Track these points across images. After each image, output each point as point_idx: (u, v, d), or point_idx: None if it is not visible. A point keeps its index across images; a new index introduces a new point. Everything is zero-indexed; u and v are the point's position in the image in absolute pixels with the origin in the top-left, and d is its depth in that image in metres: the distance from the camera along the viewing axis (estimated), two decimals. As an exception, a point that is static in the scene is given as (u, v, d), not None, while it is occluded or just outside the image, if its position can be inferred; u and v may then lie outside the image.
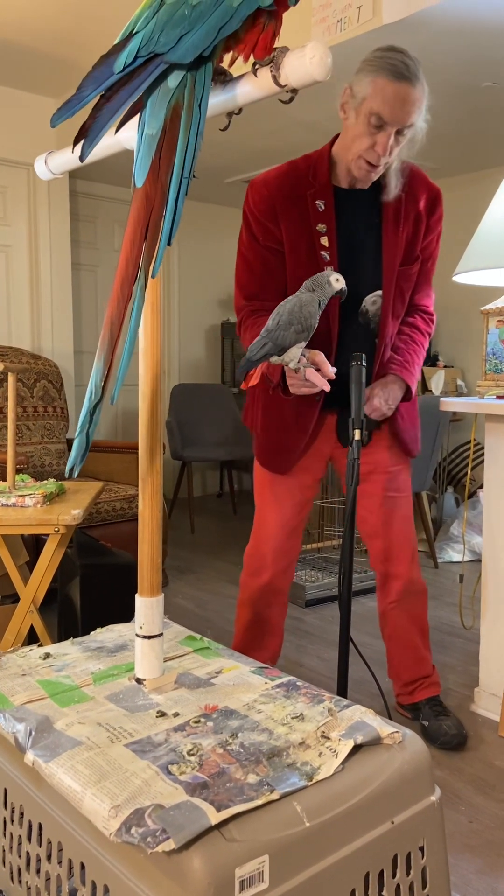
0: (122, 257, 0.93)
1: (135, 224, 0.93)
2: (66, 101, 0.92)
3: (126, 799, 0.86)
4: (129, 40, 0.91)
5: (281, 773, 0.92)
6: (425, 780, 1.03)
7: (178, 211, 0.93)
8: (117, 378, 0.93)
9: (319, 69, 0.84)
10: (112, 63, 0.91)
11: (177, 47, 0.89)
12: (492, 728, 2.09)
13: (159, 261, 0.93)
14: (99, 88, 0.91)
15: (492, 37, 2.71)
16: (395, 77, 1.57)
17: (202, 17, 0.88)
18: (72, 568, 2.31)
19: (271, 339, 1.49)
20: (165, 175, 0.92)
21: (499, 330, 2.02)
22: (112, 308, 0.93)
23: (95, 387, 0.94)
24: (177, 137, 0.92)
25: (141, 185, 0.92)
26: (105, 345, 0.93)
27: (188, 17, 0.88)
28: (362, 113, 1.62)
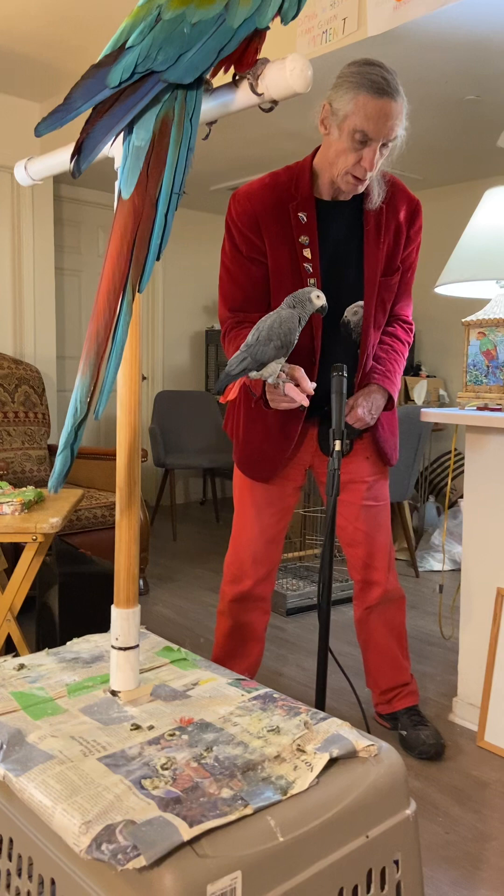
0: (107, 270, 0.91)
1: (121, 237, 0.90)
2: (54, 111, 0.89)
3: (97, 814, 0.85)
4: (123, 54, 0.88)
5: (255, 788, 0.91)
6: (400, 794, 1.02)
7: (167, 226, 0.91)
8: (104, 393, 0.91)
9: (299, 81, 0.84)
10: (104, 76, 0.88)
11: (176, 66, 0.87)
12: (470, 738, 2.09)
13: (147, 276, 0.91)
14: (91, 101, 0.89)
15: (475, 51, 2.74)
16: (377, 93, 1.58)
17: (201, 36, 0.87)
18: (50, 576, 2.29)
19: (250, 354, 1.49)
20: (154, 188, 0.90)
21: (479, 342, 2.04)
22: (97, 322, 0.90)
23: (81, 402, 0.91)
24: (166, 151, 0.90)
25: (128, 196, 0.90)
26: (90, 360, 0.90)
27: (187, 36, 0.87)
28: (346, 129, 1.62)
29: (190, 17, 0.86)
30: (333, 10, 2.65)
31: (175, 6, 0.87)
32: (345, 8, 2.61)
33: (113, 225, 0.92)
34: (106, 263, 0.92)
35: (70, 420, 0.92)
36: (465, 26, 2.53)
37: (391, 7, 2.48)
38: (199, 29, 0.87)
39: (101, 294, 0.91)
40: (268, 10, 0.90)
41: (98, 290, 0.92)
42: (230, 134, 3.70)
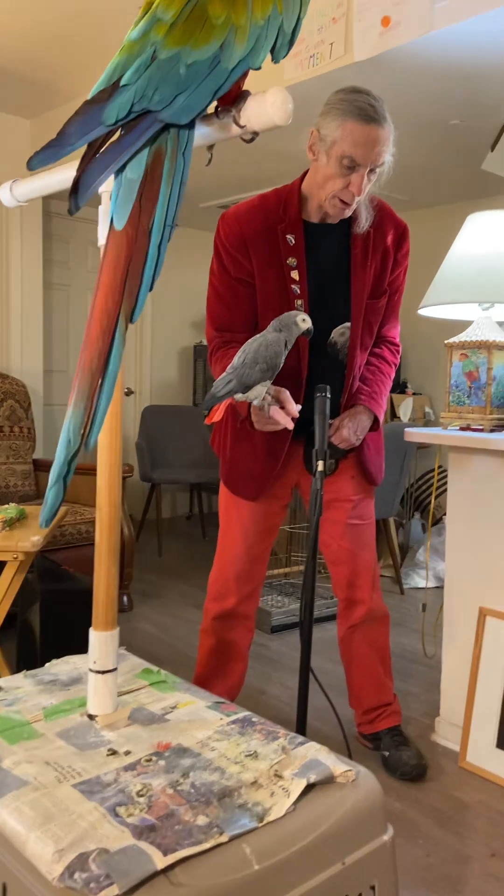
0: (99, 300, 0.90)
1: (114, 268, 0.90)
2: (48, 146, 0.89)
3: (70, 842, 0.84)
4: (119, 91, 0.88)
5: (231, 815, 0.91)
6: (378, 819, 1.02)
7: (160, 257, 0.91)
8: (96, 425, 0.90)
9: (280, 114, 0.86)
10: (100, 113, 0.88)
11: (171, 106, 0.88)
12: (452, 758, 2.09)
13: (140, 307, 0.91)
14: (86, 138, 0.89)
15: (459, 77, 2.78)
16: (364, 120, 1.61)
17: (197, 77, 0.87)
18: (32, 593, 2.27)
19: (236, 376, 1.50)
20: (147, 220, 0.91)
21: (462, 363, 2.06)
22: (91, 352, 0.90)
23: (74, 434, 0.90)
24: (159, 183, 0.91)
25: (121, 228, 0.91)
26: (84, 391, 0.89)
27: (182, 77, 0.87)
28: (333, 156, 1.65)
29: (185, 57, 0.87)
30: (321, 35, 2.69)
31: (170, 45, 0.87)
32: (332, 33, 2.65)
33: (104, 255, 0.92)
34: (98, 293, 0.91)
35: (63, 452, 0.90)
36: (450, 53, 2.57)
37: (377, 33, 2.52)
38: (194, 70, 0.87)
39: (94, 324, 0.90)
40: (261, 51, 0.92)
41: (90, 320, 0.91)
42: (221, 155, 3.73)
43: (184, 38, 0.86)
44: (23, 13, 2.86)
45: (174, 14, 0.87)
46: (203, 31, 0.86)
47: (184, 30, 0.86)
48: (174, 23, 0.86)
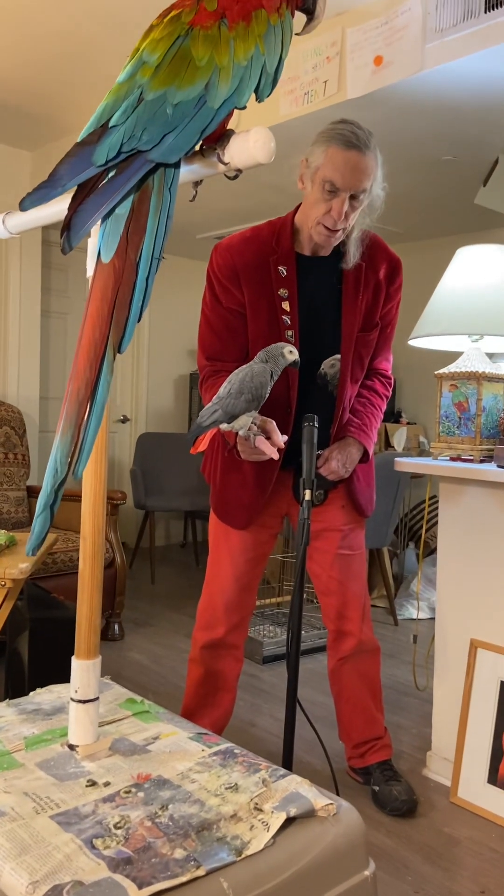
0: (87, 331, 0.92)
1: (101, 298, 0.92)
2: (40, 188, 0.91)
3: (45, 874, 0.83)
4: (108, 132, 0.90)
5: (209, 848, 0.90)
6: (359, 854, 1.01)
7: (148, 289, 0.93)
8: (84, 453, 0.91)
9: (262, 152, 0.88)
10: (90, 155, 0.90)
11: (160, 146, 0.90)
12: (443, 793, 2.06)
13: (128, 338, 0.92)
14: (76, 179, 0.91)
15: (451, 115, 2.84)
16: (345, 146, 1.65)
17: (183, 118, 0.90)
18: (21, 621, 2.26)
19: (222, 406, 1.51)
20: (134, 253, 0.92)
21: (451, 394, 2.07)
22: (78, 382, 0.91)
23: (61, 463, 0.91)
24: (146, 218, 0.93)
25: (108, 260, 0.93)
26: (72, 419, 0.91)
27: (169, 117, 0.89)
28: (317, 181, 1.69)
29: (171, 98, 0.89)
30: (315, 73, 2.76)
31: (156, 87, 0.90)
32: (326, 71, 2.72)
33: (92, 286, 0.94)
34: (86, 324, 0.92)
35: (49, 481, 0.91)
36: (441, 91, 2.63)
37: (370, 72, 2.59)
38: (180, 110, 0.90)
39: (82, 354, 0.92)
40: (245, 91, 0.94)
41: (77, 350, 0.92)
42: (216, 188, 3.80)
43: (169, 79, 0.89)
44: (25, 49, 2.94)
45: (159, 57, 0.89)
46: (188, 73, 0.89)
47: (169, 71, 0.89)
48: (159, 65, 0.89)
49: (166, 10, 0.96)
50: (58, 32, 2.80)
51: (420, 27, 2.42)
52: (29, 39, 2.86)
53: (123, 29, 2.75)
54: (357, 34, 2.60)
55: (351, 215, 1.72)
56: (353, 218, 1.74)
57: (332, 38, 2.68)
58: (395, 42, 2.51)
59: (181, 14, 0.93)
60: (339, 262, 1.83)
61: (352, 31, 2.60)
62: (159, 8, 1.05)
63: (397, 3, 2.46)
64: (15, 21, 2.73)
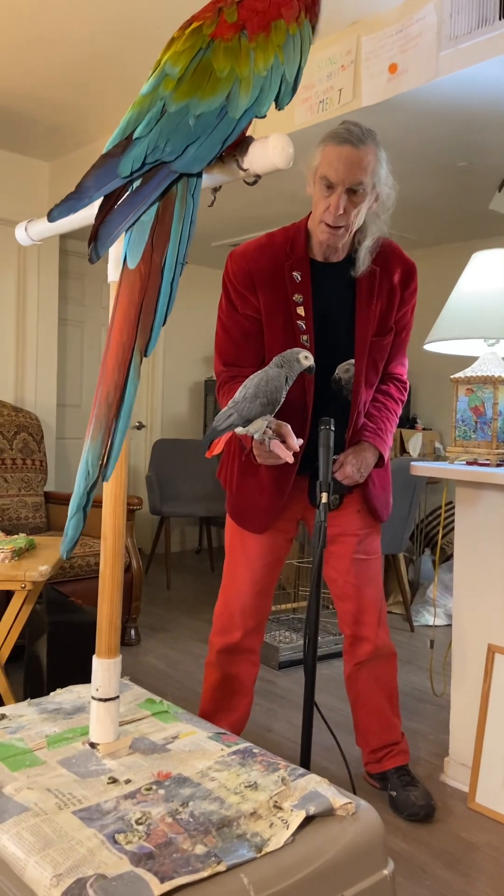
0: (115, 335, 0.94)
1: (128, 303, 0.95)
2: (67, 199, 0.94)
3: (69, 868, 0.84)
4: (132, 144, 0.93)
5: (230, 844, 0.91)
6: (378, 853, 1.02)
7: (173, 293, 0.95)
8: (114, 456, 0.93)
9: (281, 158, 0.90)
10: (115, 167, 0.93)
11: (183, 157, 0.93)
12: (461, 799, 2.05)
13: (154, 341, 0.95)
14: (103, 190, 0.94)
15: (466, 121, 2.86)
16: (339, 142, 1.69)
17: (206, 128, 0.92)
18: (40, 624, 2.28)
19: (237, 410, 1.52)
20: (159, 258, 0.95)
21: (468, 398, 2.08)
22: (108, 385, 0.93)
23: (93, 465, 0.93)
24: (170, 224, 0.95)
25: (134, 266, 0.95)
26: (102, 423, 0.93)
27: (192, 128, 0.92)
28: (316, 181, 1.73)
29: (194, 109, 0.92)
30: (330, 82, 2.78)
31: (179, 99, 0.92)
32: (340, 80, 2.74)
33: (119, 292, 0.96)
34: (113, 328, 0.95)
35: (82, 483, 0.94)
36: (456, 98, 2.65)
37: (385, 79, 2.61)
38: (203, 121, 0.92)
39: (110, 358, 0.94)
40: (266, 100, 0.97)
41: (106, 355, 0.95)
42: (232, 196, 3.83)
43: (191, 91, 0.91)
44: (43, 59, 2.98)
45: (181, 69, 0.92)
46: (209, 84, 0.91)
47: (191, 83, 0.91)
48: (181, 77, 0.91)
49: (187, 21, 0.99)
50: (76, 43, 2.85)
51: (435, 35, 2.43)
52: (47, 50, 2.91)
53: (141, 39, 2.79)
54: (372, 42, 2.62)
55: (352, 211, 1.71)
56: (357, 216, 1.73)
57: (346, 47, 2.71)
58: (410, 50, 2.53)
59: (202, 26, 0.96)
60: (352, 268, 1.83)
61: (367, 40, 2.63)
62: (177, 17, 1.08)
63: (412, 11, 2.48)
64: (33, 32, 2.78)
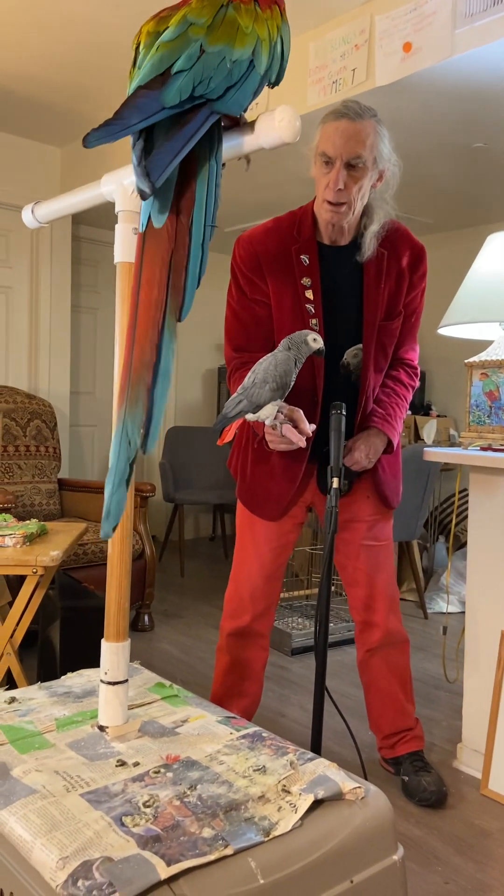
0: (144, 295, 0.91)
1: (156, 264, 0.92)
2: (106, 124, 0.89)
3: (75, 850, 0.84)
4: (174, 77, 0.90)
5: (237, 828, 0.90)
6: (387, 838, 1.01)
7: (204, 255, 0.94)
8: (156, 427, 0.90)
9: (288, 131, 0.88)
10: (158, 97, 0.90)
11: (225, 98, 0.92)
12: (473, 785, 2.04)
13: (188, 303, 0.92)
14: (147, 120, 0.90)
15: (482, 100, 2.80)
16: (336, 117, 1.67)
17: (241, 75, 0.92)
18: (52, 610, 2.29)
19: (247, 396, 1.51)
20: (186, 219, 0.93)
21: (482, 382, 2.05)
22: (143, 347, 0.90)
23: (133, 435, 0.89)
24: (194, 185, 0.94)
25: (160, 225, 0.93)
26: (141, 389, 0.89)
27: (230, 72, 0.92)
28: (317, 159, 1.71)
29: (229, 55, 0.92)
30: (343, 62, 2.74)
31: (214, 42, 0.91)
32: (354, 59, 2.70)
33: (143, 252, 0.93)
34: (142, 289, 0.92)
35: (124, 454, 0.89)
36: (472, 77, 2.59)
37: (399, 58, 2.56)
38: (238, 67, 0.92)
39: (143, 316, 0.91)
40: (275, 69, 0.98)
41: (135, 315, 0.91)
42: (243, 180, 3.80)
43: (224, 37, 0.91)
44: (54, 44, 2.96)
45: (209, 18, 0.91)
46: (238, 36, 0.91)
47: (222, 31, 0.91)
48: (211, 25, 0.91)
49: None
50: (86, 26, 2.82)
51: (449, 12, 2.38)
52: (59, 36, 2.88)
53: (151, 22, 2.76)
54: (386, 21, 2.57)
55: (353, 187, 1.68)
56: (359, 192, 1.70)
57: (360, 26, 2.66)
58: (425, 28, 2.48)
59: None
60: (358, 251, 1.81)
61: (380, 18, 2.58)
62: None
63: (426, -12, 2.43)
64: (42, 15, 2.76)
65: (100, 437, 5.04)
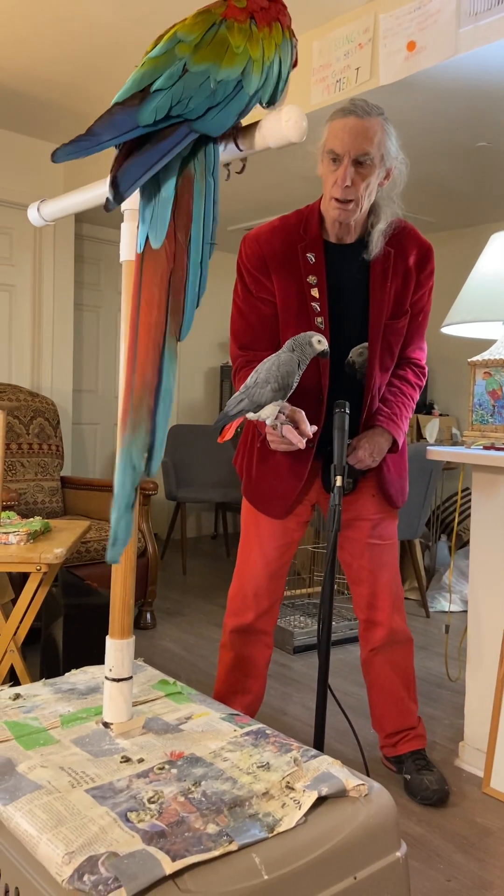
0: (144, 317, 0.90)
1: (155, 285, 0.91)
2: (77, 140, 0.88)
3: (81, 845, 0.85)
4: (152, 95, 0.90)
5: (241, 824, 0.91)
6: (391, 835, 1.01)
7: (203, 274, 0.93)
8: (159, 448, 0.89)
9: (294, 131, 0.88)
10: (134, 114, 0.89)
11: (205, 118, 0.91)
12: (475, 784, 2.05)
13: (188, 323, 0.92)
14: (119, 137, 0.89)
15: (486, 99, 2.80)
16: (343, 114, 1.68)
17: (225, 95, 0.91)
18: (56, 607, 2.30)
19: (248, 395, 1.51)
20: (184, 237, 0.92)
21: (485, 381, 2.05)
22: (144, 370, 0.89)
23: (137, 458, 0.88)
24: (191, 203, 0.93)
25: (159, 246, 0.92)
26: (142, 412, 0.88)
27: (213, 92, 0.91)
28: (324, 157, 1.72)
29: (214, 74, 0.91)
30: (347, 60, 2.74)
31: (200, 61, 0.91)
32: (358, 58, 2.70)
33: (141, 272, 0.92)
34: (141, 309, 0.91)
35: (129, 480, 0.88)
36: (476, 76, 2.59)
37: (403, 57, 2.56)
38: (223, 88, 0.91)
39: (143, 338, 0.90)
40: (269, 89, 0.98)
41: (135, 338, 0.90)
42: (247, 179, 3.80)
43: (210, 56, 0.90)
44: (54, 42, 2.97)
45: (197, 36, 0.91)
46: (227, 55, 0.90)
47: (210, 50, 0.90)
48: (199, 43, 0.90)
49: None
50: (92, 28, 2.83)
51: (454, 11, 2.38)
52: (59, 33, 2.89)
53: (155, 23, 2.76)
54: (390, 20, 2.57)
55: (360, 184, 1.69)
56: (366, 190, 1.70)
57: (364, 25, 2.66)
58: (429, 27, 2.48)
59: (210, 8, 0.96)
60: (365, 250, 1.81)
61: (384, 17, 2.58)
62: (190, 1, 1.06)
63: (430, -13, 2.43)
64: (48, 17, 2.76)
65: (102, 435, 5.04)
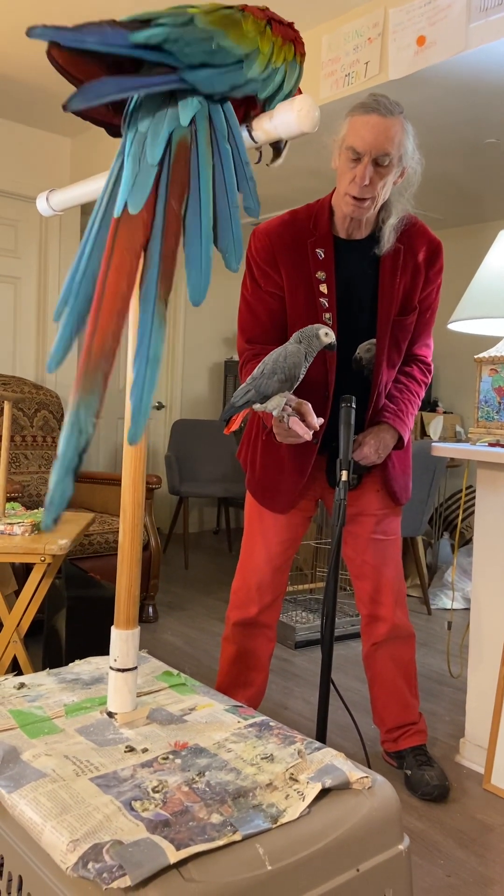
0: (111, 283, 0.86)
1: (127, 251, 0.86)
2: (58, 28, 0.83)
3: (85, 833, 0.85)
4: (152, 24, 0.86)
5: (245, 815, 0.91)
6: (394, 828, 1.01)
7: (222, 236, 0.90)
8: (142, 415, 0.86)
9: (307, 121, 0.88)
10: (127, 33, 0.85)
11: (197, 71, 0.87)
12: (476, 780, 2.05)
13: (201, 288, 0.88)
14: (103, 45, 0.85)
15: (494, 96, 2.79)
16: (365, 111, 1.66)
17: (223, 61, 0.88)
18: (59, 599, 2.30)
19: (255, 386, 1.51)
20: (177, 205, 0.88)
21: (491, 378, 2.05)
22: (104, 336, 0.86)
23: (85, 423, 0.84)
24: (187, 170, 0.89)
25: (136, 212, 0.87)
26: (98, 377, 0.85)
27: (211, 52, 0.88)
28: (343, 152, 1.70)
29: (218, 38, 0.88)
30: (356, 55, 2.73)
31: (208, 23, 0.88)
32: (367, 52, 2.69)
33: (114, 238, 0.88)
34: (109, 277, 0.87)
35: (73, 443, 0.83)
36: (485, 72, 2.59)
37: (412, 52, 2.55)
38: (223, 54, 0.88)
39: (106, 306, 0.86)
40: (269, 87, 0.95)
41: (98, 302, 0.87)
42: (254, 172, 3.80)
43: (220, 23, 0.88)
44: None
45: (213, 7, 0.90)
46: (236, 32, 0.89)
47: (221, 19, 0.89)
48: (212, 11, 0.89)
49: None
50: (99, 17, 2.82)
51: (464, 6, 2.38)
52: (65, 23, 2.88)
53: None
54: (400, 14, 2.56)
55: (378, 183, 1.68)
56: (383, 189, 1.70)
57: (374, 19, 2.65)
58: (439, 21, 2.47)
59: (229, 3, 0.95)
60: (375, 245, 1.81)
61: (394, 12, 2.57)
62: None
63: (441, -19, 2.42)
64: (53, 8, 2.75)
65: (106, 429, 5.04)
